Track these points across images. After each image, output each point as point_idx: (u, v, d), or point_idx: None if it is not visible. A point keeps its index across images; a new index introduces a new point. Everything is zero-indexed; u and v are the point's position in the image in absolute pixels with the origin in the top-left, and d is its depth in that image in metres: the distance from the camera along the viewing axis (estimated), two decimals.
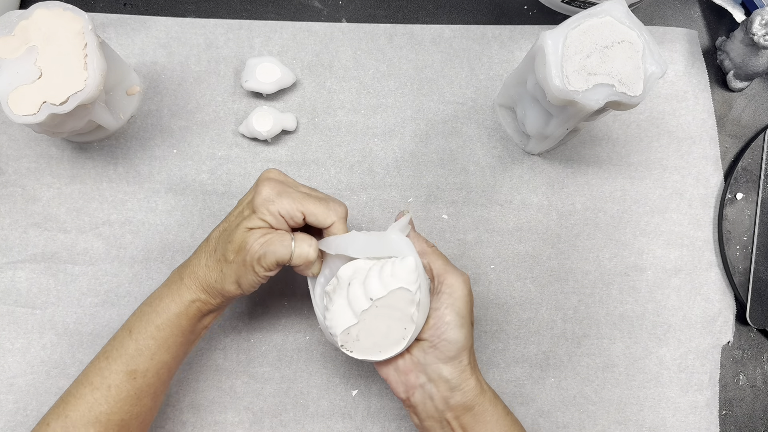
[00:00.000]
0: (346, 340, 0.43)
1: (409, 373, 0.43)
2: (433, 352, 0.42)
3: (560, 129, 0.49)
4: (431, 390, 0.42)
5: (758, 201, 0.57)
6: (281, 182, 0.43)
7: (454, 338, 0.41)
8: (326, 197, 0.44)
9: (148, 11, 0.58)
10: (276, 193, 0.42)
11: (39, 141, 0.55)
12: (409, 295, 0.41)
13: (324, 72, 0.57)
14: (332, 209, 0.43)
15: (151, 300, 0.45)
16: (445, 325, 0.42)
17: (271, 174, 0.44)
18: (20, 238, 0.53)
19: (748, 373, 0.56)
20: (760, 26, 0.53)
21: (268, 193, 0.42)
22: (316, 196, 0.43)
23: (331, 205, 0.43)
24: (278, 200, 0.42)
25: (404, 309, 0.42)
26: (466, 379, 0.42)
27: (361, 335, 0.42)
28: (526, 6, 0.60)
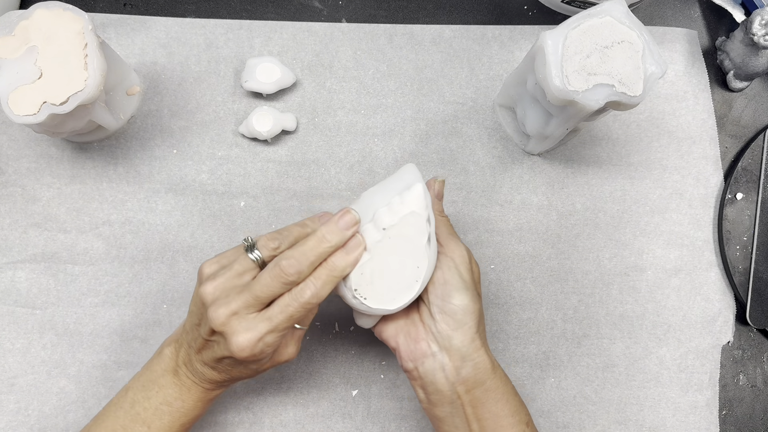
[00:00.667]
0: (359, 283, 0.41)
1: (420, 340, 0.42)
2: (442, 318, 0.41)
3: (560, 129, 0.49)
4: (443, 359, 0.41)
5: (758, 201, 0.57)
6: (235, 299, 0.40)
7: (459, 300, 0.41)
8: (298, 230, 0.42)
9: (148, 11, 0.58)
10: (237, 324, 0.39)
11: (39, 141, 0.55)
12: (420, 220, 0.41)
13: (324, 72, 0.57)
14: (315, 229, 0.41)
15: (167, 401, 0.44)
16: (449, 287, 0.41)
17: (209, 268, 0.42)
18: (20, 238, 0.53)
19: (748, 373, 0.56)
20: (760, 26, 0.53)
21: (225, 321, 0.39)
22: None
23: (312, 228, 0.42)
24: (243, 332, 0.39)
25: (416, 239, 0.41)
26: (476, 348, 0.41)
27: (375, 275, 0.41)
28: (526, 6, 0.60)
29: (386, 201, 0.41)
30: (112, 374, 0.52)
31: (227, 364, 0.41)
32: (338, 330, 0.53)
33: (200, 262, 0.54)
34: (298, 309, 0.39)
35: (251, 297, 0.39)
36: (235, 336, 0.39)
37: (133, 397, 0.43)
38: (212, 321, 0.39)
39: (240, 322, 0.39)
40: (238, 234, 0.54)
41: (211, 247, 0.54)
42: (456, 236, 0.44)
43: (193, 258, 0.54)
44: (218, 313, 0.39)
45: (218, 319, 0.39)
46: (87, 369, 0.52)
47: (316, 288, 0.39)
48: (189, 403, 0.43)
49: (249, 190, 0.55)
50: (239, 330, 0.39)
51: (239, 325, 0.39)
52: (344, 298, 0.42)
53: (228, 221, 0.55)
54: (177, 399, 0.43)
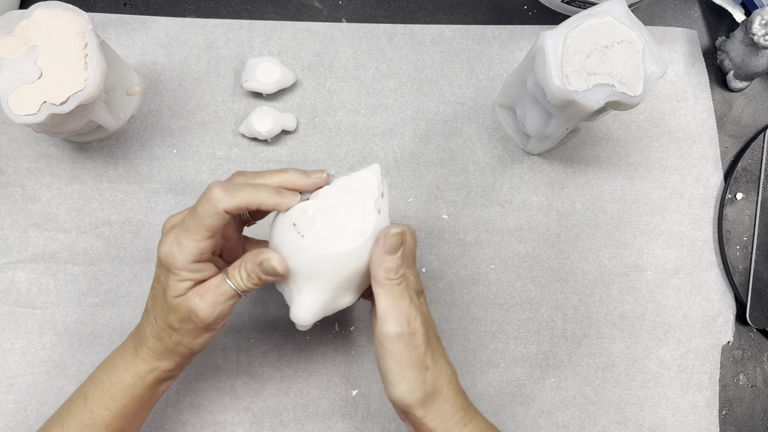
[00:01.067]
0: (300, 220, 0.39)
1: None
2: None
3: (560, 129, 0.49)
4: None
5: (758, 201, 0.57)
6: (178, 224, 0.39)
7: (390, 393, 0.38)
8: (253, 177, 0.40)
9: (148, 11, 0.58)
10: (174, 240, 0.38)
11: (39, 141, 0.55)
12: (371, 183, 0.40)
13: (324, 72, 0.57)
14: (265, 190, 0.39)
15: (107, 367, 0.43)
16: (382, 372, 0.38)
17: (168, 221, 0.40)
18: (20, 238, 0.53)
19: (748, 373, 0.56)
20: (760, 26, 0.53)
21: (168, 249, 0.38)
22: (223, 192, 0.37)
23: (263, 186, 0.39)
24: (179, 249, 0.37)
25: (367, 198, 0.39)
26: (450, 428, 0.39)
27: (317, 217, 0.39)
28: (526, 6, 0.60)
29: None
30: None
31: (160, 305, 0.39)
32: (338, 330, 0.54)
33: None
34: (213, 212, 0.37)
35: (192, 223, 0.38)
36: (163, 238, 0.38)
37: (91, 375, 0.43)
38: (158, 251, 0.38)
39: (176, 236, 0.38)
40: None
41: None
42: (405, 298, 0.38)
43: None
44: (164, 239, 0.38)
45: (163, 244, 0.38)
46: (87, 369, 0.52)
47: (242, 189, 0.37)
48: (126, 377, 0.41)
49: None
50: (169, 238, 0.38)
51: (173, 237, 0.38)
52: (280, 250, 0.39)
53: None
54: (116, 369, 0.42)
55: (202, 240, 0.37)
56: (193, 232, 0.37)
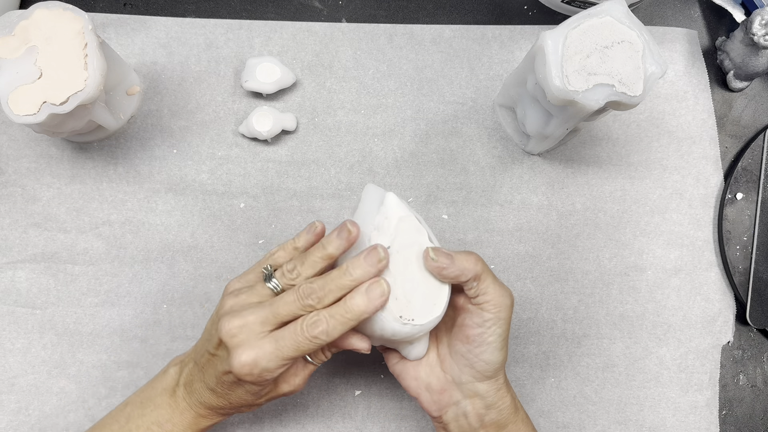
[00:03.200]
0: (400, 309, 0.39)
1: (444, 392, 0.42)
2: (469, 371, 0.41)
3: (560, 129, 0.49)
4: (466, 407, 0.41)
5: (758, 201, 0.57)
6: (262, 342, 0.38)
7: (494, 359, 0.40)
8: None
9: (148, 11, 0.58)
10: (256, 363, 0.38)
11: (39, 141, 0.55)
12: (410, 222, 0.41)
13: (324, 72, 0.57)
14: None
15: (158, 422, 0.42)
16: (486, 345, 0.40)
17: (228, 302, 0.40)
18: (20, 238, 0.53)
19: (748, 373, 0.56)
20: (760, 26, 0.53)
21: (253, 371, 0.38)
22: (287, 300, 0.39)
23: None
24: (268, 372, 0.38)
25: (419, 240, 0.41)
26: (502, 396, 0.41)
27: (407, 294, 0.40)
28: (526, 6, 0.60)
29: (371, 225, 0.41)
30: (112, 374, 0.52)
31: (227, 384, 0.40)
32: None
33: (200, 261, 0.54)
34: (306, 341, 0.38)
35: (269, 312, 0.38)
36: (239, 349, 0.38)
37: (129, 413, 0.43)
38: (221, 330, 0.38)
39: (248, 337, 0.38)
40: (238, 234, 0.54)
41: (211, 247, 0.54)
42: (501, 284, 0.41)
43: (193, 258, 0.54)
44: (231, 323, 0.38)
45: (228, 329, 0.38)
46: (87, 369, 0.52)
47: (327, 325, 0.38)
48: (179, 427, 0.42)
49: (249, 190, 0.55)
50: (243, 344, 0.38)
51: (246, 340, 0.38)
52: (392, 337, 0.41)
53: (228, 221, 0.55)
54: (168, 421, 0.42)
55: (283, 367, 0.39)
56: (277, 363, 0.38)
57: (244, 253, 0.54)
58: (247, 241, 0.54)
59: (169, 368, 0.44)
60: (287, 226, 0.55)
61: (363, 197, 0.43)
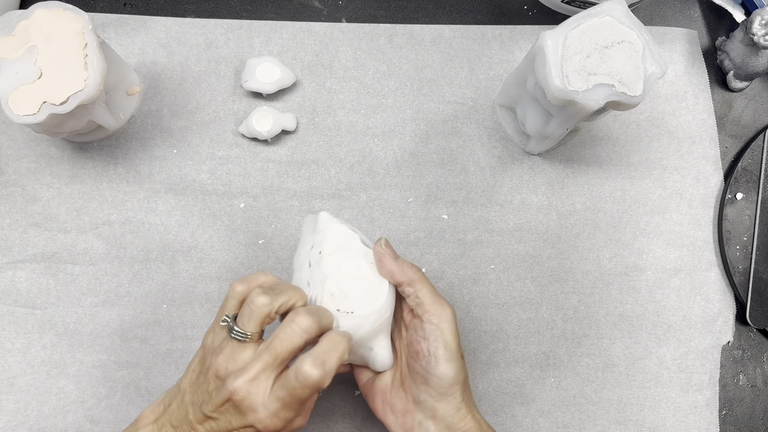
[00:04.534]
0: (337, 303, 0.41)
1: (407, 414, 0.42)
2: (426, 389, 0.41)
3: (560, 129, 0.49)
4: (429, 428, 0.41)
5: (758, 201, 0.57)
6: (269, 392, 0.37)
7: (444, 372, 0.40)
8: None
9: (148, 11, 0.58)
10: (275, 416, 0.37)
11: (39, 141, 0.55)
12: (339, 226, 0.42)
13: (324, 72, 0.57)
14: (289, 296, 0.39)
15: None
16: (434, 358, 0.40)
17: (234, 384, 0.37)
18: (20, 238, 0.53)
19: (748, 373, 0.56)
20: (760, 26, 0.53)
21: (271, 422, 0.37)
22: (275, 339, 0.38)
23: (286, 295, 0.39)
24: (280, 421, 0.37)
25: (351, 244, 0.42)
26: (462, 417, 0.41)
27: (343, 288, 0.41)
28: (526, 6, 0.60)
29: (309, 245, 0.43)
30: (112, 374, 0.52)
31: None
32: None
33: (200, 262, 0.54)
34: (307, 392, 0.37)
35: (270, 357, 0.37)
36: (255, 406, 0.37)
37: None
38: (232, 392, 0.37)
39: (258, 390, 0.37)
40: (238, 234, 0.54)
41: (211, 247, 0.54)
42: (439, 296, 0.42)
43: (193, 258, 0.54)
44: (237, 383, 0.37)
45: (239, 390, 0.37)
46: (87, 369, 0.52)
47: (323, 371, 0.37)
48: None
49: (249, 190, 0.55)
50: (258, 404, 0.37)
51: (259, 399, 0.37)
52: (353, 356, 0.43)
53: (228, 221, 0.55)
54: None
55: (303, 410, 0.39)
56: (295, 410, 0.38)
57: (244, 253, 0.54)
58: (247, 241, 0.54)
59: (139, 430, 0.40)
60: (287, 226, 0.55)
61: (302, 227, 0.45)
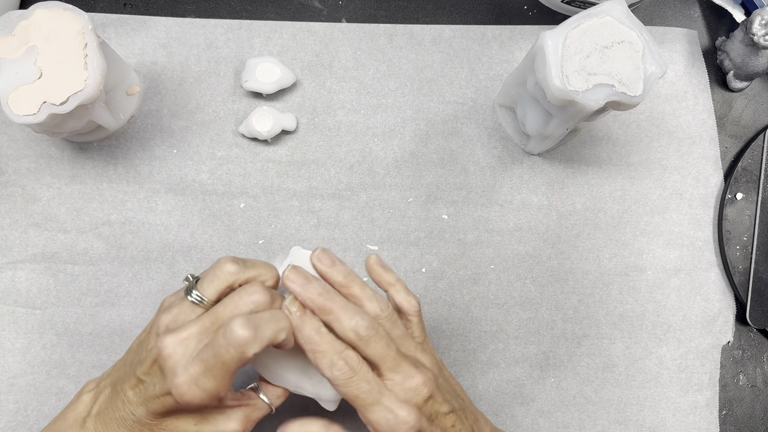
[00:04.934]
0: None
1: None
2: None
3: (560, 129, 0.49)
4: None
5: (758, 201, 0.57)
6: (194, 358, 0.34)
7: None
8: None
9: (148, 11, 0.58)
10: (193, 382, 0.34)
11: (39, 141, 0.55)
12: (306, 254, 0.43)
13: (324, 72, 0.57)
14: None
15: None
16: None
17: (162, 318, 0.36)
18: (20, 238, 0.53)
19: (748, 373, 0.56)
20: (760, 26, 0.53)
21: (189, 391, 0.34)
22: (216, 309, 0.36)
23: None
24: (202, 392, 0.34)
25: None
26: None
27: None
28: (526, 6, 0.60)
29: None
30: None
31: (160, 412, 0.36)
32: None
33: (200, 262, 0.54)
34: (231, 354, 0.34)
35: (209, 320, 0.35)
36: (176, 369, 0.34)
37: None
38: (158, 350, 0.35)
39: (184, 353, 0.34)
40: (238, 234, 0.54)
41: (211, 247, 0.54)
42: (405, 360, 0.39)
43: (193, 258, 0.54)
44: (166, 340, 0.34)
45: (164, 348, 0.34)
46: (87, 369, 0.52)
47: (251, 330, 0.34)
48: None
49: (249, 190, 0.55)
50: (179, 362, 0.34)
51: (182, 361, 0.34)
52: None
53: (228, 221, 0.55)
54: None
55: (227, 383, 0.36)
56: (219, 378, 0.35)
57: (244, 253, 0.54)
58: (247, 241, 0.54)
59: (82, 395, 0.39)
60: (287, 226, 0.55)
61: (274, 262, 0.44)
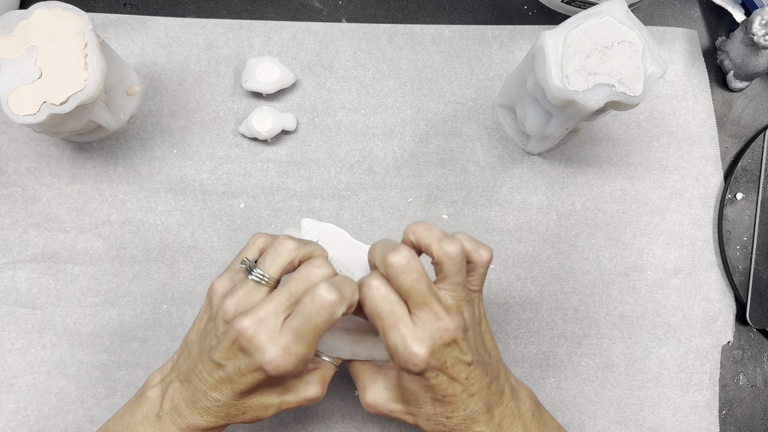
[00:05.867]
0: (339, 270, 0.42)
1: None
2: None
3: (560, 129, 0.49)
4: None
5: (758, 201, 0.57)
6: (281, 326, 0.36)
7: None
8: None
9: (148, 11, 0.58)
10: (286, 352, 0.35)
11: (39, 141, 0.55)
12: (331, 227, 0.45)
13: (324, 72, 0.57)
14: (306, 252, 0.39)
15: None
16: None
17: (230, 302, 0.37)
18: (20, 238, 0.53)
19: (748, 373, 0.56)
20: (760, 26, 0.53)
21: (283, 361, 0.35)
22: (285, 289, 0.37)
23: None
24: (295, 359, 0.35)
25: (345, 238, 0.45)
26: None
27: (345, 266, 0.43)
28: (526, 6, 0.60)
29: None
30: (112, 374, 0.52)
31: (246, 388, 0.37)
32: None
33: (200, 262, 0.54)
34: (323, 316, 0.35)
35: (284, 296, 0.36)
36: (264, 346, 0.35)
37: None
38: (238, 332, 0.35)
39: (268, 333, 0.35)
40: (238, 234, 0.54)
41: (211, 247, 0.54)
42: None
43: (193, 258, 0.54)
44: (244, 321, 0.35)
45: (246, 329, 0.35)
46: (87, 369, 0.52)
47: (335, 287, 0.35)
48: None
49: (249, 190, 0.55)
50: (267, 342, 0.35)
51: (268, 338, 0.35)
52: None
53: (228, 221, 0.55)
54: None
55: (315, 348, 0.36)
56: (310, 342, 0.36)
57: None
58: (247, 241, 0.54)
59: (148, 392, 0.40)
60: (287, 226, 0.55)
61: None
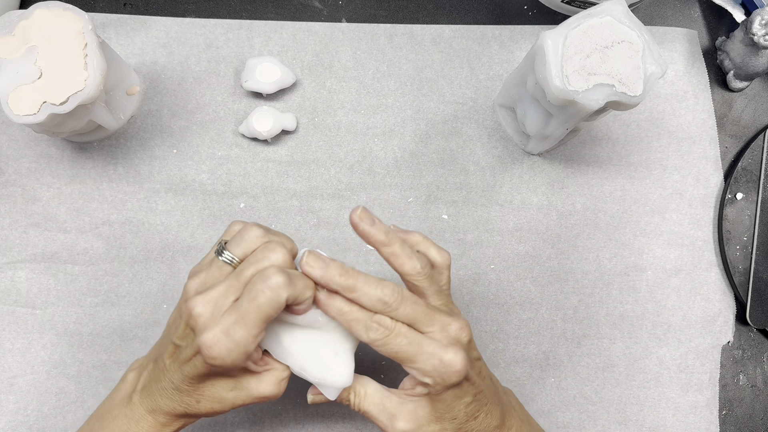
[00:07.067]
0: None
1: None
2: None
3: (560, 129, 0.49)
4: None
5: (758, 201, 0.57)
6: (226, 310, 0.35)
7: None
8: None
9: (148, 11, 0.58)
10: (223, 335, 0.34)
11: (39, 141, 0.55)
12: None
13: (324, 72, 0.57)
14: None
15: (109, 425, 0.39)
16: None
17: (191, 285, 0.36)
18: (20, 238, 0.53)
19: (748, 373, 0.56)
20: (760, 26, 0.53)
21: (220, 347, 0.34)
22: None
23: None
24: (235, 345, 0.34)
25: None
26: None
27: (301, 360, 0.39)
28: (526, 6, 0.60)
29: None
30: (112, 374, 0.52)
31: (195, 376, 0.37)
32: None
33: None
34: (267, 296, 0.34)
35: (235, 279, 0.35)
36: (207, 327, 0.34)
37: (90, 427, 0.41)
38: (188, 312, 0.35)
39: (214, 312, 0.34)
40: None
41: (211, 247, 0.54)
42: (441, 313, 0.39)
43: (193, 258, 0.54)
44: (195, 301, 0.35)
45: (193, 308, 0.34)
46: (87, 369, 0.52)
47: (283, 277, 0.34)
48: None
49: (249, 190, 0.55)
50: (210, 321, 0.34)
51: (212, 317, 0.34)
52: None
53: (228, 221, 0.55)
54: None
55: (259, 333, 0.34)
56: (251, 325, 0.34)
57: None
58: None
59: (128, 374, 0.41)
60: (287, 226, 0.55)
61: None
